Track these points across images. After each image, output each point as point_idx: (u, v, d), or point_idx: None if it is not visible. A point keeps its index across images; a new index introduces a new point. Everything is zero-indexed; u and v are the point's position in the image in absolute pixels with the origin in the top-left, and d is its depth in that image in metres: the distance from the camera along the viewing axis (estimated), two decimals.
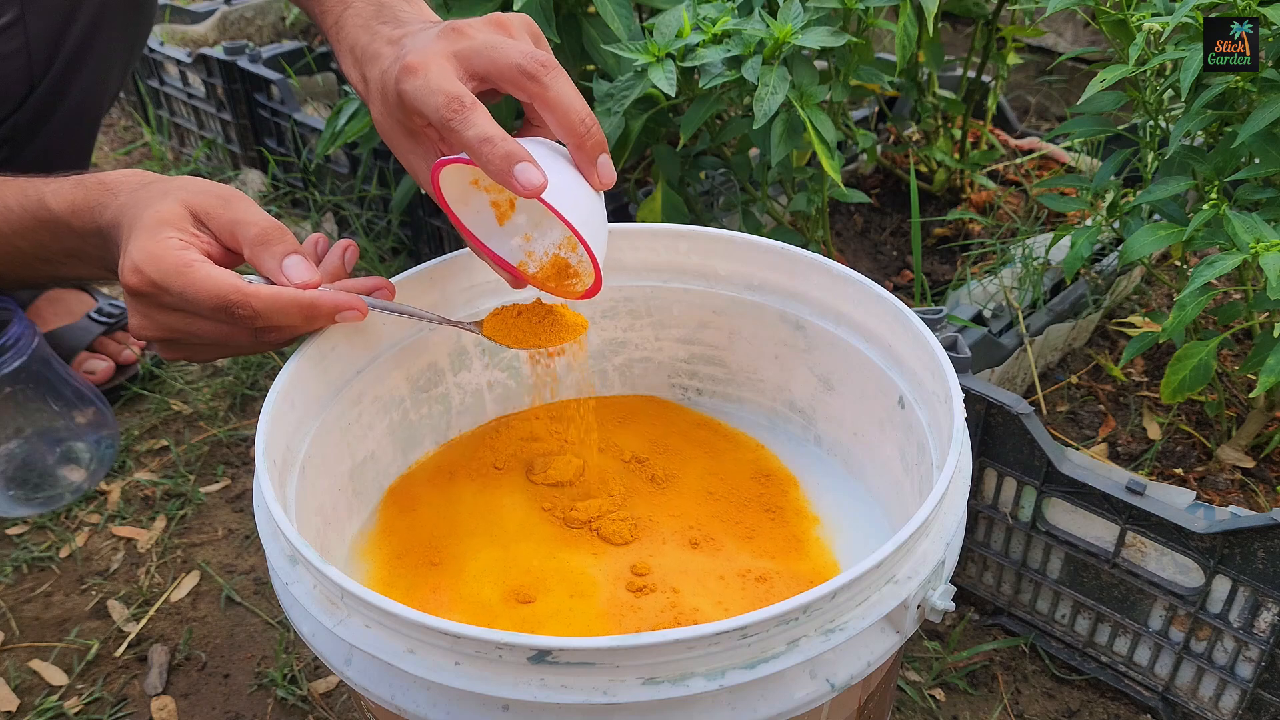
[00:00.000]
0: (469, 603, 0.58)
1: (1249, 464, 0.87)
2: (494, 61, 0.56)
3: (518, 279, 0.62)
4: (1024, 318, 0.93)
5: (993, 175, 1.23)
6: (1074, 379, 1.01)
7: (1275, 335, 0.70)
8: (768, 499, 0.65)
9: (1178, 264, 0.88)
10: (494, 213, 0.62)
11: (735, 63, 0.81)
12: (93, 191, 0.59)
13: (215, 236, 0.56)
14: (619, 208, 1.03)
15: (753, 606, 0.52)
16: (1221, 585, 0.69)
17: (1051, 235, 0.96)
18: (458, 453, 0.70)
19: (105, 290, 1.22)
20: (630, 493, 0.66)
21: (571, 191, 0.55)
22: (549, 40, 0.89)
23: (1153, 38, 0.77)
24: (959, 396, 0.53)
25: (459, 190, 0.60)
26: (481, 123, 0.54)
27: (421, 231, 1.26)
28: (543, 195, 0.53)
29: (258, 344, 0.56)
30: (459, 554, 0.61)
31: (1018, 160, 1.25)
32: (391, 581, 0.60)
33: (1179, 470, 0.88)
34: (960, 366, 0.75)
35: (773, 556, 0.61)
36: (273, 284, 0.55)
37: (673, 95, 0.79)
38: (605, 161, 0.57)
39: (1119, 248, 0.97)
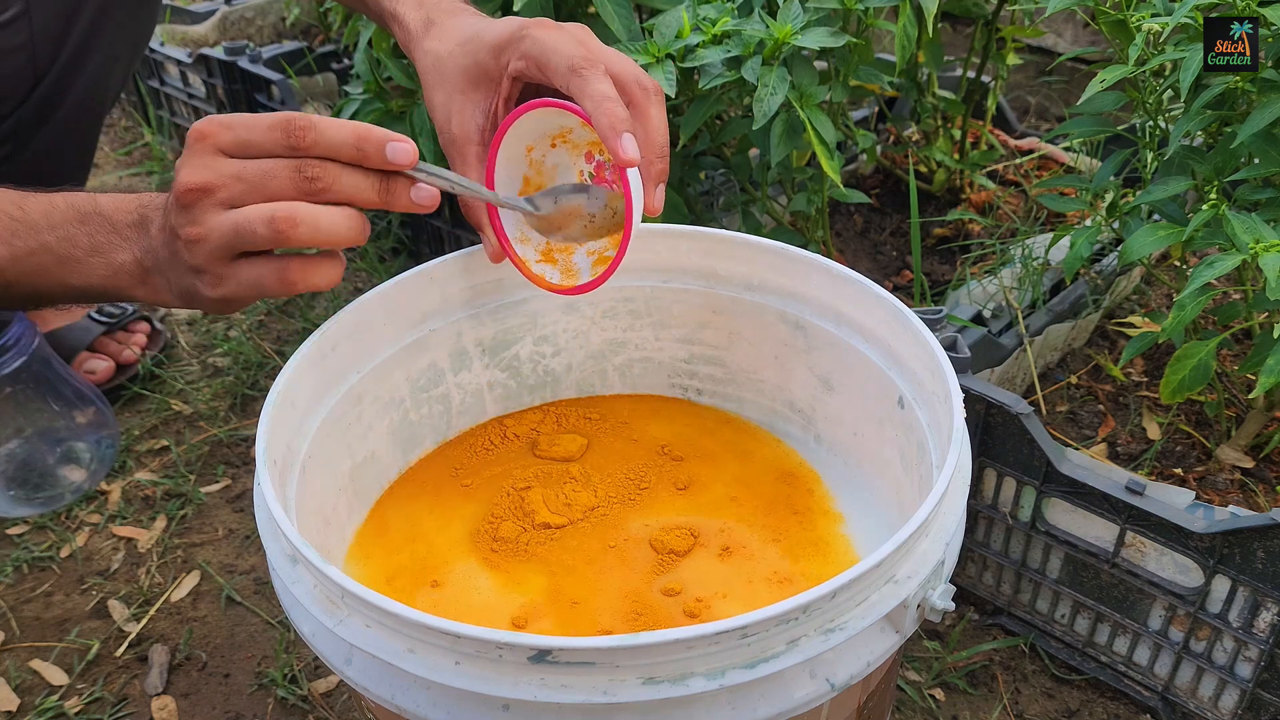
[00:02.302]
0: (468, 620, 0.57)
1: (1248, 464, 0.87)
2: (614, 65, 0.61)
3: (502, 253, 0.64)
4: (1023, 318, 0.93)
5: (992, 175, 1.23)
6: (1074, 379, 1.01)
7: (1275, 335, 0.70)
8: (795, 500, 0.65)
9: (1177, 264, 0.89)
10: (521, 186, 0.65)
11: (735, 63, 0.81)
12: (145, 195, 0.60)
13: None
14: None
15: None
16: (1221, 585, 0.69)
17: (1051, 235, 0.96)
18: (454, 457, 0.70)
19: None
20: (653, 499, 0.65)
21: (638, 188, 0.60)
22: None
23: (1152, 38, 0.77)
24: (959, 396, 0.53)
25: (511, 150, 0.63)
26: (608, 83, 0.59)
27: (421, 231, 1.26)
28: (628, 171, 0.58)
29: (299, 185, 0.54)
30: (456, 574, 0.61)
31: (1017, 160, 1.25)
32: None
33: (1179, 470, 0.88)
34: (960, 366, 0.75)
35: (797, 560, 0.60)
36: None
37: (672, 96, 0.79)
38: (661, 191, 0.61)
39: (1118, 248, 0.97)
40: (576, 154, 0.65)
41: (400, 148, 0.54)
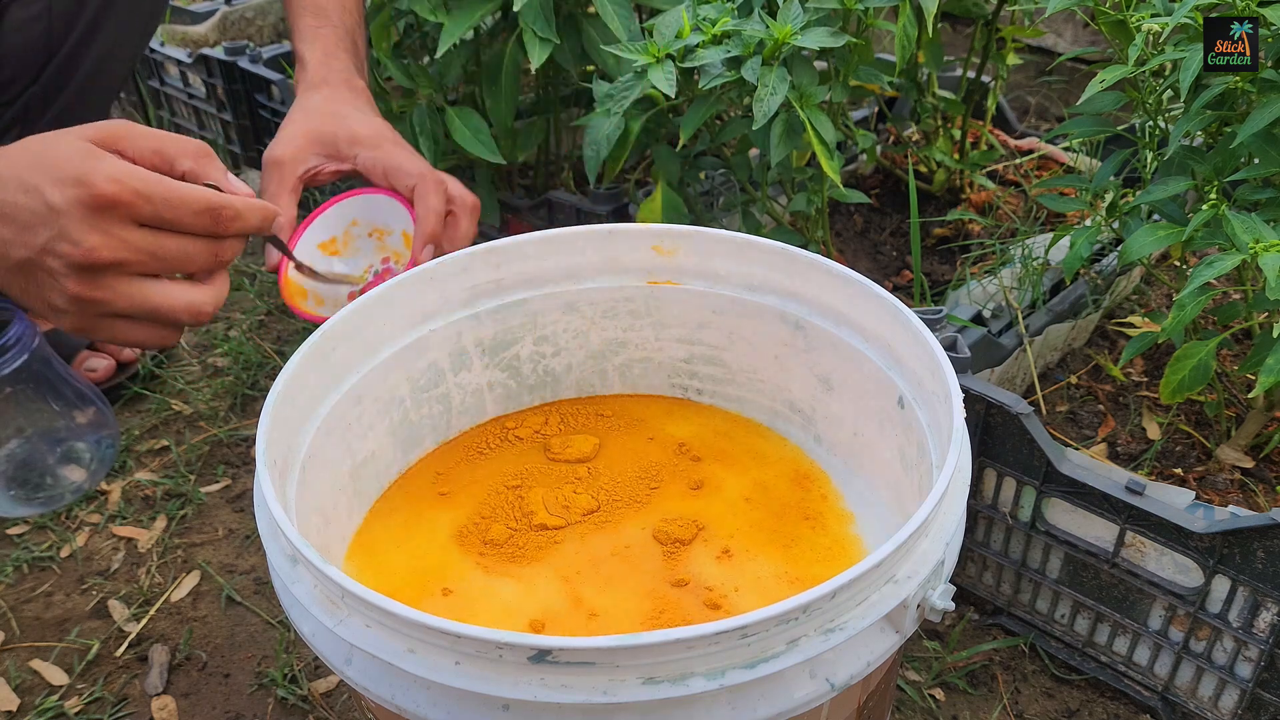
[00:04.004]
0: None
1: (1248, 464, 0.87)
2: (449, 185, 0.78)
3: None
4: (1023, 318, 0.93)
5: (992, 175, 1.23)
6: (1073, 379, 1.01)
7: (1274, 335, 0.70)
8: (808, 505, 0.65)
9: (1177, 264, 0.89)
10: (324, 240, 0.80)
11: (735, 63, 0.81)
12: None
13: (135, 161, 0.57)
14: (619, 208, 1.03)
15: None
16: (1221, 585, 0.69)
17: (1051, 235, 0.96)
18: (455, 458, 0.70)
19: None
20: (663, 500, 0.65)
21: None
22: (550, 41, 0.89)
23: (1152, 38, 0.77)
24: (958, 396, 0.53)
25: (345, 211, 0.80)
26: (441, 200, 0.76)
27: None
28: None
29: (212, 259, 0.57)
30: (466, 582, 0.60)
31: (1017, 160, 1.25)
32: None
33: (1179, 470, 0.88)
34: (960, 366, 0.75)
35: (810, 564, 0.60)
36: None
37: (672, 96, 0.79)
38: (429, 252, 0.75)
39: (1118, 248, 0.97)
40: (378, 253, 0.80)
41: (281, 222, 0.71)
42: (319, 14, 0.87)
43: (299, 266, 0.73)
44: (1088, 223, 0.87)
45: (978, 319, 0.93)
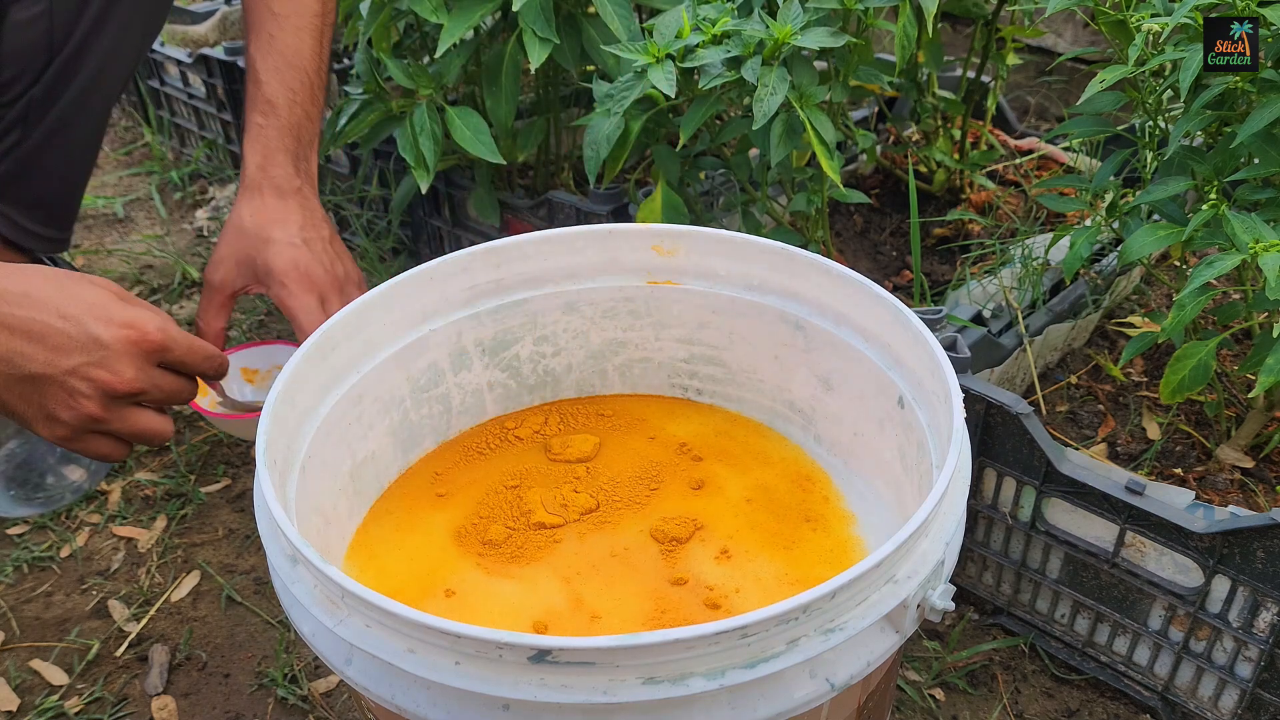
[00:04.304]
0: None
1: (1248, 464, 0.87)
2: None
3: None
4: (1023, 318, 0.93)
5: (992, 175, 1.23)
6: (1073, 379, 1.01)
7: (1274, 335, 0.70)
8: (810, 506, 0.65)
9: (1177, 264, 0.89)
10: (247, 369, 0.96)
11: (735, 63, 0.81)
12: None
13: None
14: (619, 208, 1.03)
15: None
16: (1221, 585, 0.69)
17: (1051, 235, 0.96)
18: (455, 458, 0.70)
19: None
20: (663, 499, 0.65)
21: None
22: (549, 41, 0.89)
23: (1152, 38, 0.77)
24: (958, 396, 0.53)
25: (268, 354, 0.98)
26: None
27: (421, 231, 1.26)
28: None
29: (188, 395, 0.71)
30: (467, 583, 0.60)
31: (1017, 160, 1.25)
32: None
33: (1178, 470, 0.88)
34: (960, 366, 0.75)
35: (812, 565, 0.60)
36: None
37: (672, 96, 0.79)
38: None
39: (1118, 248, 0.97)
40: None
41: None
42: (268, 110, 0.89)
43: (224, 400, 0.86)
44: (1088, 223, 0.87)
45: (978, 319, 0.92)
